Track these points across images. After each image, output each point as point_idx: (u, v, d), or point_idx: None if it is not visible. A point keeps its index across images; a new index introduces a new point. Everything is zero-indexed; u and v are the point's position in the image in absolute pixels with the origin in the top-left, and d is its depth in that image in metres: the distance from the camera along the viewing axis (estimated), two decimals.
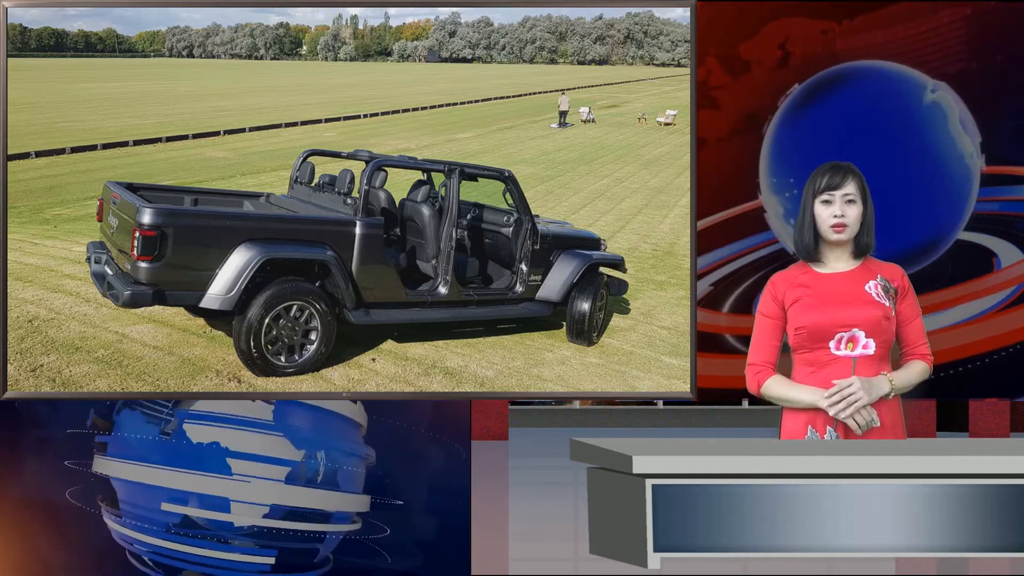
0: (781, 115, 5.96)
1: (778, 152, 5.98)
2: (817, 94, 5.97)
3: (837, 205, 4.09)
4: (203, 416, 5.13)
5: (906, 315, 4.14)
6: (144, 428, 5.17)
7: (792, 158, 5.98)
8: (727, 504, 3.27)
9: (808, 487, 3.28)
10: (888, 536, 3.28)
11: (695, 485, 3.28)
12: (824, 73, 5.97)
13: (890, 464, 3.29)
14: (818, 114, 5.96)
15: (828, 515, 3.27)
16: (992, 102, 5.94)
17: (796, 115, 5.96)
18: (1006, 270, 6.00)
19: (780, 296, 4.15)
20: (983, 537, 3.28)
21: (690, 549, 3.29)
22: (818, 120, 5.95)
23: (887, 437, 4.06)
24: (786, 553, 3.29)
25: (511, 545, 7.78)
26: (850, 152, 5.87)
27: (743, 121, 5.98)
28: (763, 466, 3.29)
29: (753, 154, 5.98)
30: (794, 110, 5.96)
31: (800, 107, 5.97)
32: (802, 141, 5.96)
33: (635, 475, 3.29)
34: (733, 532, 3.27)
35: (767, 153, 5.97)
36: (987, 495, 3.27)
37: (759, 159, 5.98)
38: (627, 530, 3.34)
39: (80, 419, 5.24)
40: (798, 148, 5.96)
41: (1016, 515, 3.27)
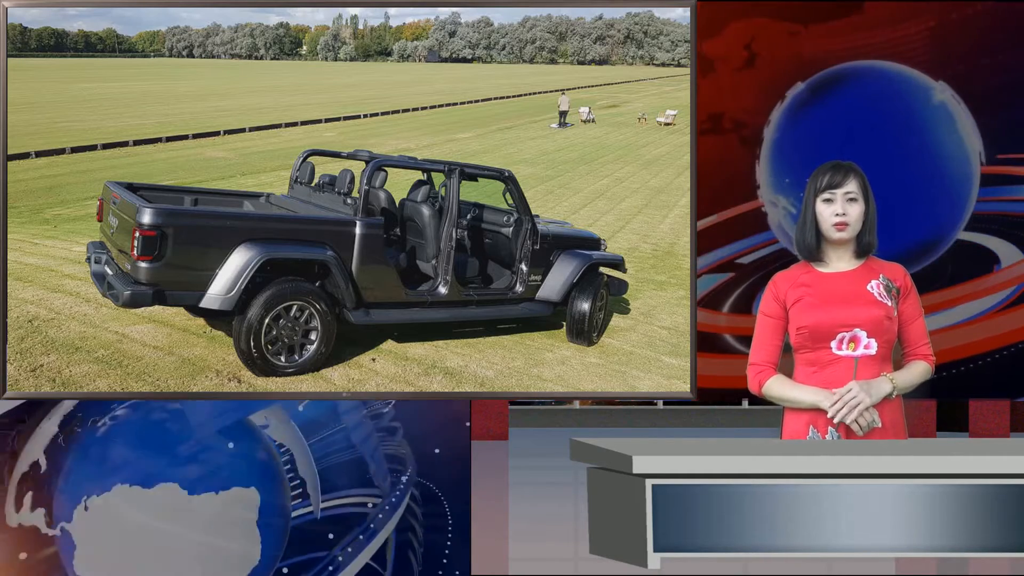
0: (782, 114, 5.96)
1: (778, 152, 5.98)
2: (818, 94, 5.97)
3: (839, 204, 4.08)
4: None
5: (908, 315, 4.13)
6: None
7: (792, 158, 5.98)
8: (727, 504, 3.27)
9: (808, 487, 3.28)
10: (888, 536, 3.28)
11: (695, 485, 3.28)
12: (824, 73, 5.97)
13: (890, 464, 3.29)
14: (819, 114, 5.96)
15: (828, 515, 3.27)
16: (992, 102, 5.94)
17: (797, 115, 5.96)
18: (1006, 270, 6.00)
19: (782, 296, 4.14)
20: (983, 537, 3.27)
21: (690, 549, 3.29)
22: (819, 120, 5.95)
23: (888, 437, 4.06)
24: (786, 553, 3.28)
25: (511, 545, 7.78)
26: (850, 152, 5.87)
27: (744, 120, 5.97)
28: (763, 466, 3.29)
29: (753, 154, 5.98)
30: (795, 110, 5.96)
31: (801, 107, 5.97)
32: (803, 141, 5.96)
33: (635, 475, 3.29)
34: (733, 532, 3.27)
35: (767, 153, 5.97)
36: (987, 495, 3.27)
37: (759, 159, 5.98)
38: (627, 530, 3.34)
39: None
40: (798, 148, 5.96)
41: (1016, 515, 3.27)
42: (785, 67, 5.96)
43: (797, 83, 5.96)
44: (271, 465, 5.21)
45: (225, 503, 5.15)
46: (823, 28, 5.97)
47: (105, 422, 5.14)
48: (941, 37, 5.96)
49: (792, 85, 5.95)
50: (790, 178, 5.97)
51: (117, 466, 5.14)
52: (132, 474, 5.14)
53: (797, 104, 5.97)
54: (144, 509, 5.11)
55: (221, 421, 5.20)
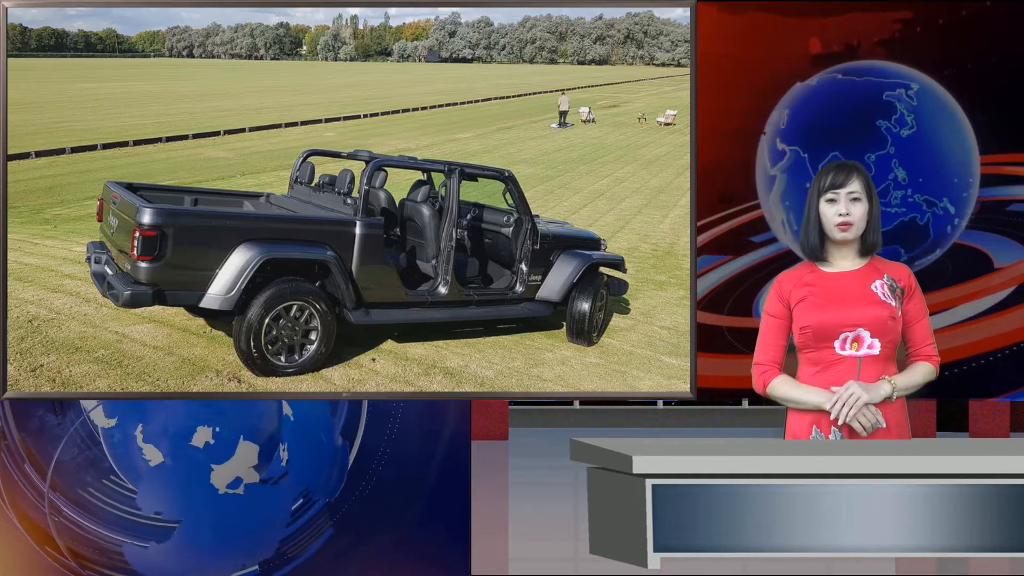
0: (782, 114, 5.96)
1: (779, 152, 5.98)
2: (818, 94, 5.97)
3: (842, 204, 4.08)
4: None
5: (912, 315, 4.13)
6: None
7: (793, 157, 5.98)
8: (727, 504, 3.27)
9: (808, 487, 3.28)
10: (888, 536, 3.28)
11: (695, 485, 3.28)
12: (824, 72, 5.97)
13: (890, 464, 3.29)
14: (819, 113, 5.96)
15: (828, 515, 3.27)
16: (992, 101, 5.94)
17: (797, 114, 5.96)
18: (1006, 270, 6.00)
19: (786, 295, 4.14)
20: (983, 537, 3.27)
21: (690, 549, 3.29)
22: (819, 119, 5.95)
23: (892, 438, 4.05)
24: (786, 553, 3.28)
25: (511, 545, 7.78)
26: (851, 151, 5.87)
27: (744, 121, 5.97)
28: (763, 466, 3.28)
29: (753, 154, 5.98)
30: (795, 110, 5.96)
31: (801, 106, 5.97)
32: (803, 140, 5.95)
33: (635, 475, 3.29)
34: (733, 532, 3.27)
35: (768, 153, 5.97)
36: (987, 495, 3.27)
37: (759, 159, 5.98)
38: (627, 530, 3.34)
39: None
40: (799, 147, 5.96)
41: (1016, 515, 3.27)
42: (785, 67, 5.96)
43: (797, 83, 5.96)
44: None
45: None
46: (823, 28, 5.97)
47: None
48: (941, 37, 5.96)
49: (792, 85, 5.95)
50: (790, 178, 5.97)
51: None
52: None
53: (797, 104, 5.97)
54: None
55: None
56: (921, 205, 5.93)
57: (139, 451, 5.20)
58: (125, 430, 5.21)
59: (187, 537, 5.21)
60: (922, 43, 5.95)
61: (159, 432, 5.20)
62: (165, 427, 5.20)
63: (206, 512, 5.21)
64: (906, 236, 5.94)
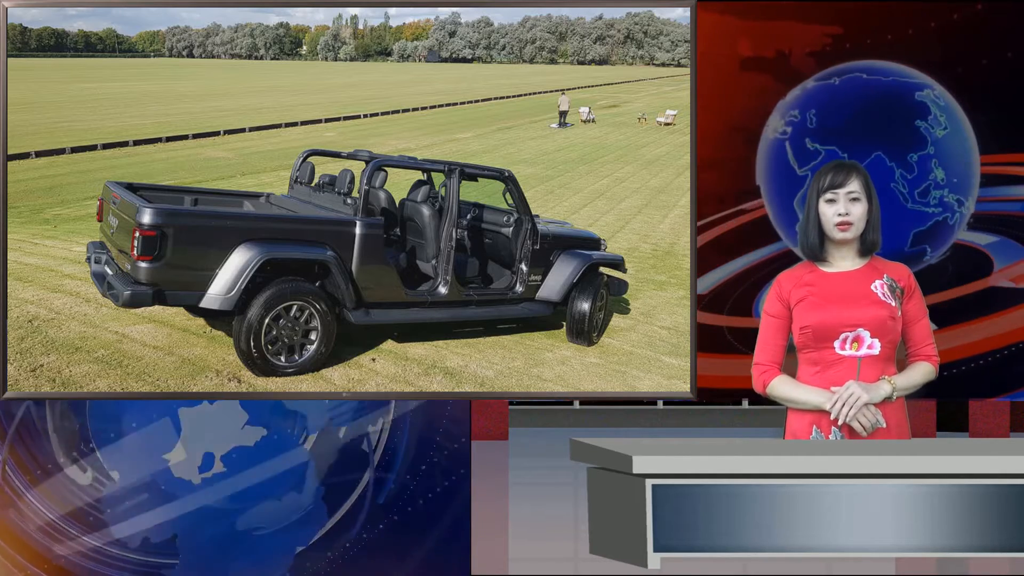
0: (782, 114, 5.96)
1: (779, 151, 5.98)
2: (818, 93, 5.97)
3: (841, 203, 4.07)
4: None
5: (912, 315, 4.13)
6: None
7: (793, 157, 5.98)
8: (727, 504, 3.27)
9: (808, 487, 3.28)
10: (888, 536, 3.28)
11: (695, 485, 3.28)
12: (824, 72, 5.97)
13: (890, 464, 3.29)
14: (819, 113, 5.96)
15: (828, 515, 3.27)
16: (992, 101, 5.94)
17: (797, 114, 5.96)
18: (1006, 270, 5.99)
19: (786, 295, 4.14)
20: (983, 537, 3.28)
21: (690, 549, 3.29)
22: (819, 119, 5.95)
23: (892, 438, 4.05)
24: (786, 553, 3.29)
25: (511, 545, 7.78)
26: (851, 151, 5.87)
27: (744, 120, 5.97)
28: (763, 466, 3.29)
29: (754, 154, 5.98)
30: (795, 110, 5.96)
31: (801, 106, 5.97)
32: (803, 140, 5.95)
33: (635, 475, 3.29)
34: (733, 532, 3.27)
35: (767, 153, 5.97)
36: (987, 495, 3.27)
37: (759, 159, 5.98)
38: (627, 530, 3.34)
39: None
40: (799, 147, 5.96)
41: (1016, 515, 3.27)
42: (785, 67, 5.96)
43: (797, 83, 5.96)
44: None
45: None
46: (823, 28, 5.97)
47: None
48: (941, 37, 5.96)
49: (792, 85, 5.95)
50: (791, 178, 5.96)
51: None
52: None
53: (797, 104, 5.97)
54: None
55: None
56: (953, 205, 5.93)
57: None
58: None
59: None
60: (923, 43, 5.95)
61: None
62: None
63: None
64: (935, 236, 5.94)
